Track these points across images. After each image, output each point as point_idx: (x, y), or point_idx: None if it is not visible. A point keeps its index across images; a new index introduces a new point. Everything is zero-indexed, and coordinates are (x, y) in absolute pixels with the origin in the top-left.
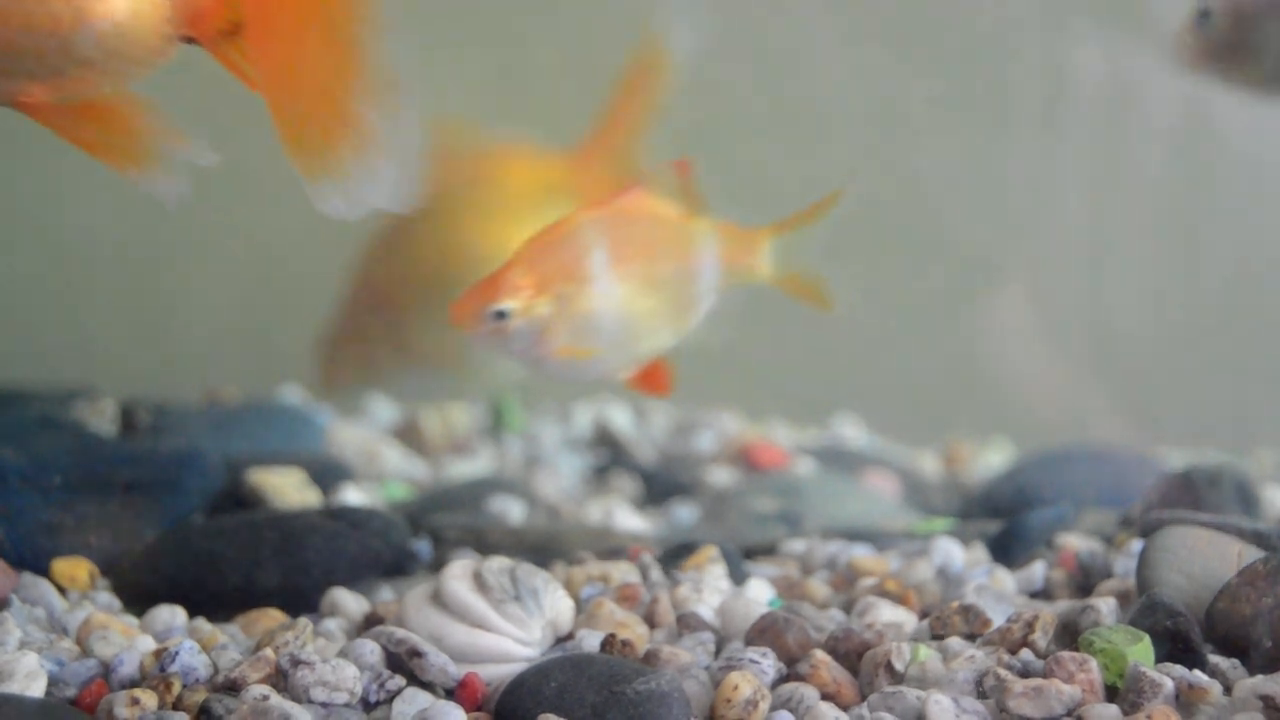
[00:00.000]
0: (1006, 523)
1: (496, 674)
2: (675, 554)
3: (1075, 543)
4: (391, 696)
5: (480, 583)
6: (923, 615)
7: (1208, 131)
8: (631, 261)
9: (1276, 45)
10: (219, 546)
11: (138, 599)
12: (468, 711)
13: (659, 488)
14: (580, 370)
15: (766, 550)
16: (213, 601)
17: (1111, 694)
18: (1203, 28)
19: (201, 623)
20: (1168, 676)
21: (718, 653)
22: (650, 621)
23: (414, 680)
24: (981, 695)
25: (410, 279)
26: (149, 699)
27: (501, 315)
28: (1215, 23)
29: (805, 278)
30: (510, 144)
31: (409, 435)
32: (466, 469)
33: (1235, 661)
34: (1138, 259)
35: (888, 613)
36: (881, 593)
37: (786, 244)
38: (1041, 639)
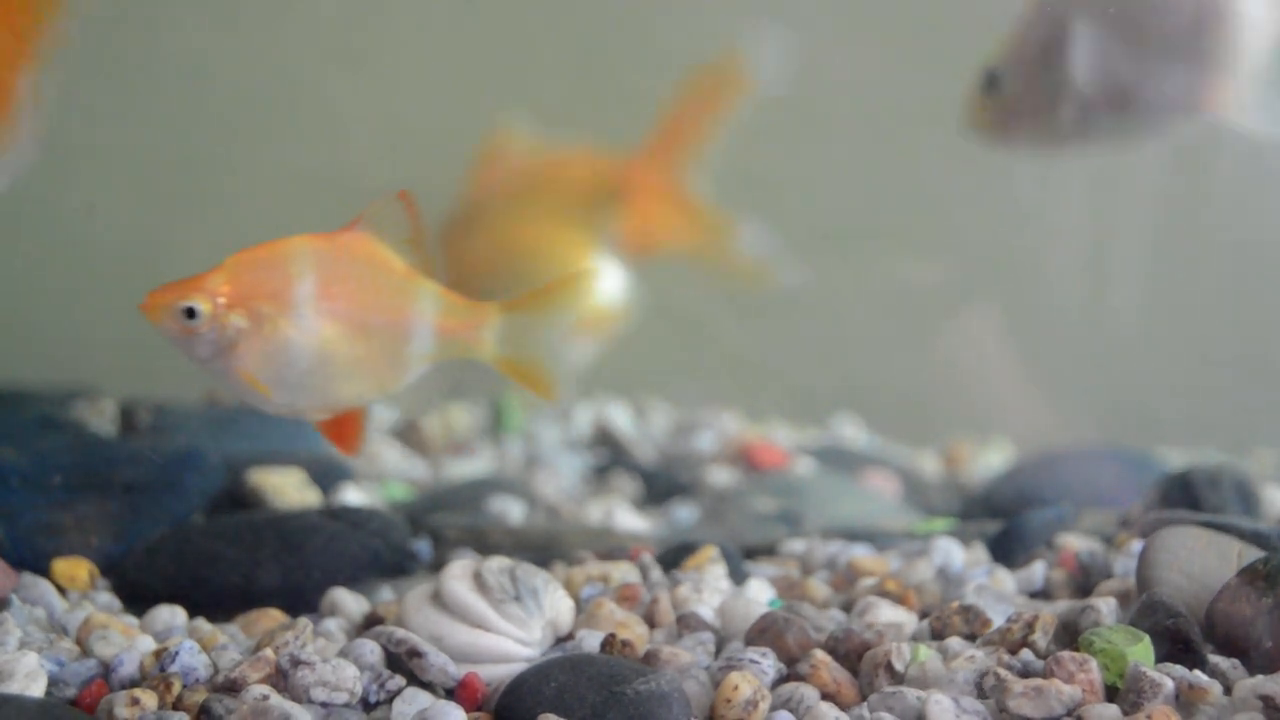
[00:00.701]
0: (1006, 523)
1: (496, 674)
2: (675, 554)
3: (1075, 543)
4: (391, 696)
5: (480, 583)
6: (923, 615)
7: (1207, 131)
8: (341, 301)
9: (1064, 95)
10: (219, 546)
11: (138, 599)
12: (468, 711)
13: (659, 488)
14: (261, 399)
15: (766, 550)
16: (213, 601)
17: (1111, 694)
18: (991, 93)
19: (201, 623)
20: (1168, 676)
21: (718, 653)
22: (650, 621)
23: (414, 680)
24: (981, 695)
25: (459, 274)
26: (149, 699)
27: (191, 315)
28: (1005, 86)
29: (530, 364)
30: (567, 147)
31: (409, 435)
32: (466, 469)
33: (1235, 661)
34: (1137, 258)
35: (888, 613)
36: (881, 593)
37: (517, 324)
38: (1041, 639)
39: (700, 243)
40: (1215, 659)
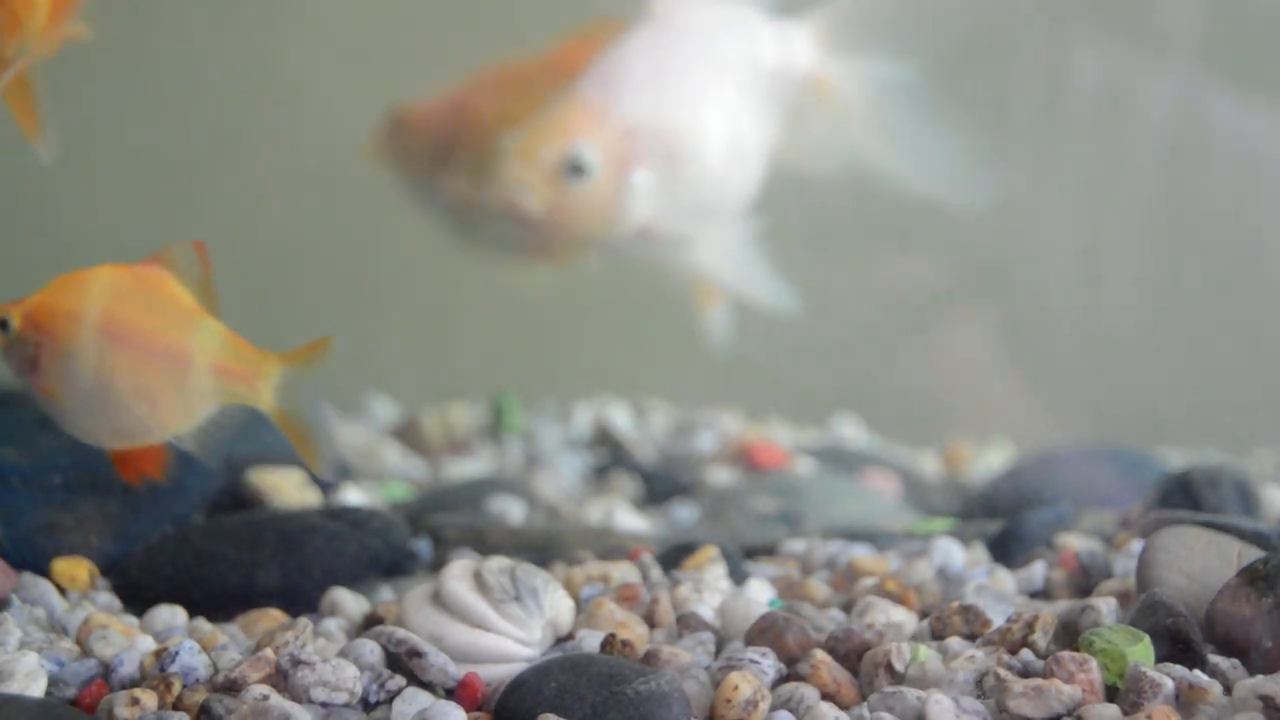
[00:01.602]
0: (1006, 523)
1: (496, 674)
2: (675, 554)
3: (1075, 543)
4: (391, 696)
5: (480, 583)
6: (923, 615)
7: (1207, 130)
8: (125, 328)
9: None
10: (219, 546)
11: (138, 599)
12: (468, 711)
13: (659, 488)
14: (59, 416)
15: (766, 550)
16: (213, 601)
17: (1111, 694)
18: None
19: (201, 623)
20: (1168, 676)
21: (718, 653)
22: (650, 621)
23: (414, 680)
24: (981, 695)
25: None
26: (149, 699)
27: (4, 326)
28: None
29: (304, 422)
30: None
31: (409, 435)
32: (466, 469)
33: (1235, 661)
34: (1137, 258)
35: (888, 613)
36: (881, 593)
37: (295, 379)
38: (1041, 639)
39: None
40: (1215, 659)
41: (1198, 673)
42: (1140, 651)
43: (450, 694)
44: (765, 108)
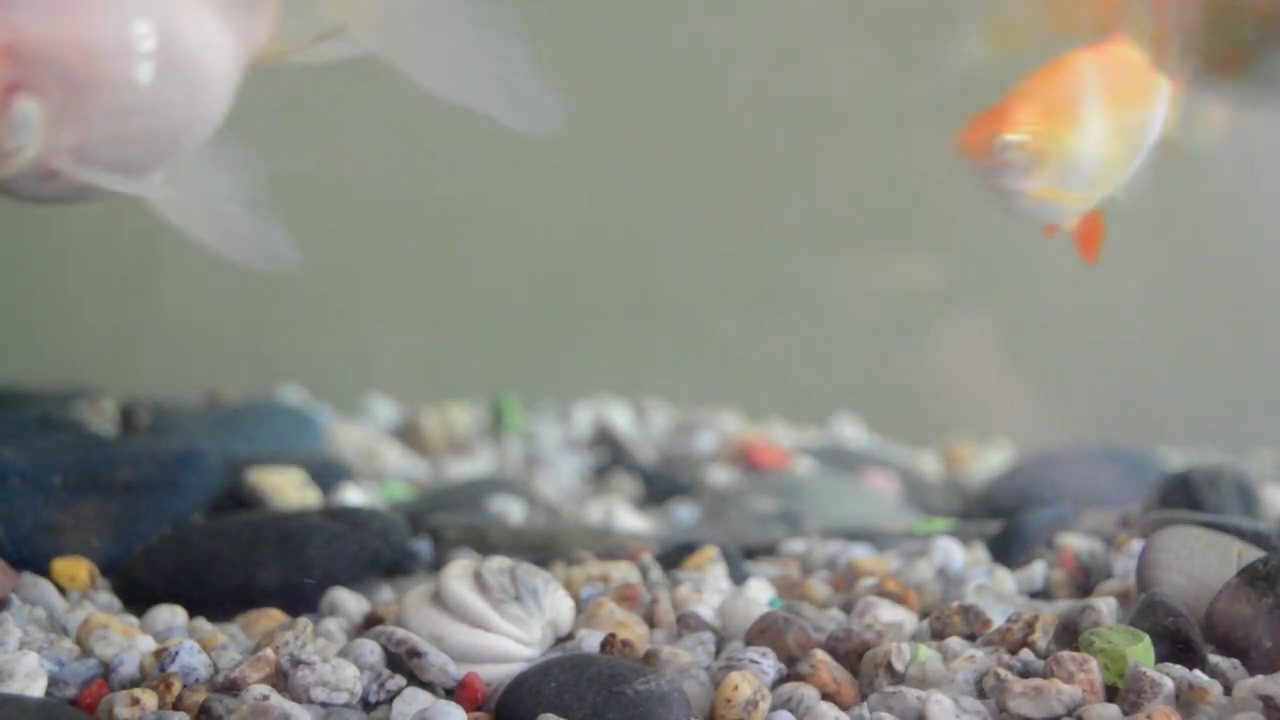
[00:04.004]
0: (1006, 523)
1: (496, 674)
2: (675, 554)
3: (1075, 543)
4: (391, 696)
5: (480, 583)
6: (923, 615)
7: (1206, 130)
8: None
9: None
10: (219, 546)
11: (138, 599)
12: (468, 711)
13: (659, 488)
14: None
15: (766, 550)
16: (213, 601)
17: (1111, 694)
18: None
19: (201, 623)
20: (1168, 676)
21: (718, 653)
22: (650, 621)
23: (414, 680)
24: (981, 695)
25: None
26: (149, 699)
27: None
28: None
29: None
30: None
31: (409, 435)
32: (466, 469)
33: (1235, 661)
34: (1137, 258)
35: (888, 613)
36: (881, 593)
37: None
38: (1041, 639)
39: None
40: (1215, 659)
41: (1198, 673)
42: (1140, 651)
43: (450, 694)
44: (228, 11)
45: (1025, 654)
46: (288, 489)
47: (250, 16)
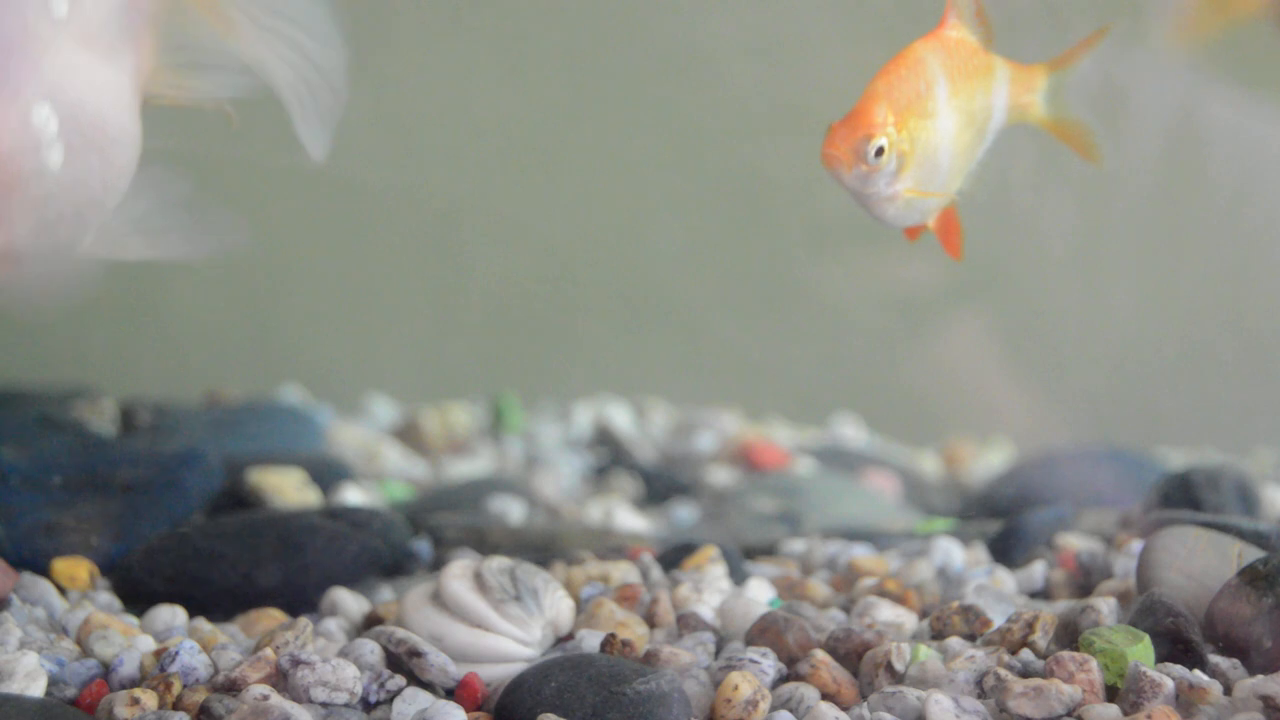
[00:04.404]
0: (1006, 523)
1: (496, 674)
2: (675, 554)
3: (1075, 543)
4: (391, 696)
5: (480, 583)
6: (923, 615)
7: (1206, 130)
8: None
9: None
10: (219, 546)
11: (138, 599)
12: (468, 711)
13: (659, 488)
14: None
15: (766, 550)
16: (213, 601)
17: (1112, 694)
18: None
19: (201, 623)
20: (1168, 676)
21: (718, 653)
22: (650, 621)
23: (414, 680)
24: (981, 695)
25: None
26: (149, 699)
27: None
28: None
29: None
30: None
31: (409, 435)
32: (466, 469)
33: (1235, 661)
34: (1136, 258)
35: (888, 613)
36: (881, 593)
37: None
38: (1042, 639)
39: None
40: (1215, 659)
41: (1198, 673)
42: (1140, 651)
43: (450, 694)
44: (116, 55)
45: (1025, 654)
46: (288, 489)
47: (134, 51)
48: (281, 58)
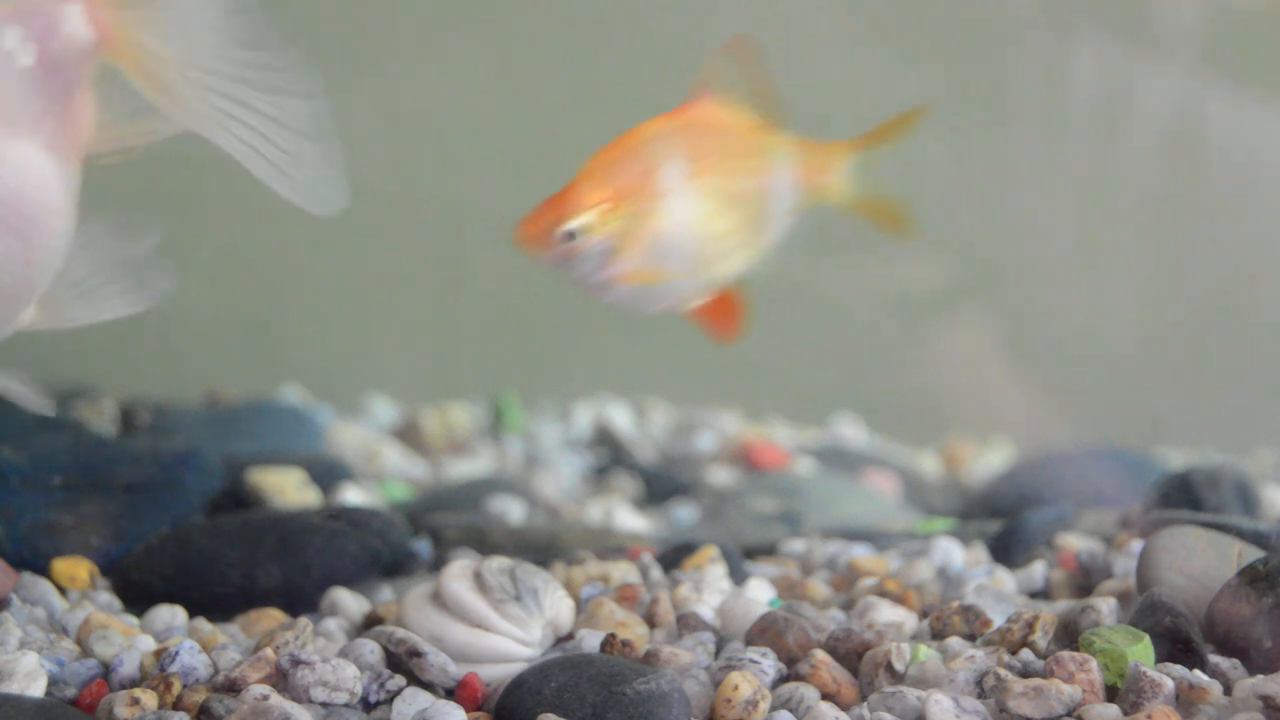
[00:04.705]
0: (1006, 523)
1: (496, 674)
2: (675, 554)
3: (1075, 543)
4: (391, 696)
5: (480, 582)
6: (923, 615)
7: (1206, 131)
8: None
9: None
10: (219, 546)
11: (138, 599)
12: (468, 711)
13: (659, 488)
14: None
15: (766, 550)
16: (213, 601)
17: (1112, 694)
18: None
19: (201, 623)
20: (1168, 676)
21: (718, 653)
22: (650, 621)
23: (414, 680)
24: (981, 695)
25: None
26: (149, 699)
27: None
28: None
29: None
30: None
31: (409, 435)
32: (466, 469)
33: (1235, 661)
34: (1137, 259)
35: (888, 613)
36: (881, 593)
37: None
38: (1042, 639)
39: None
40: (1215, 659)
41: (1198, 673)
42: (1140, 651)
43: (450, 694)
44: (32, 130)
45: (1025, 654)
46: (288, 489)
47: (57, 120)
48: (238, 123)
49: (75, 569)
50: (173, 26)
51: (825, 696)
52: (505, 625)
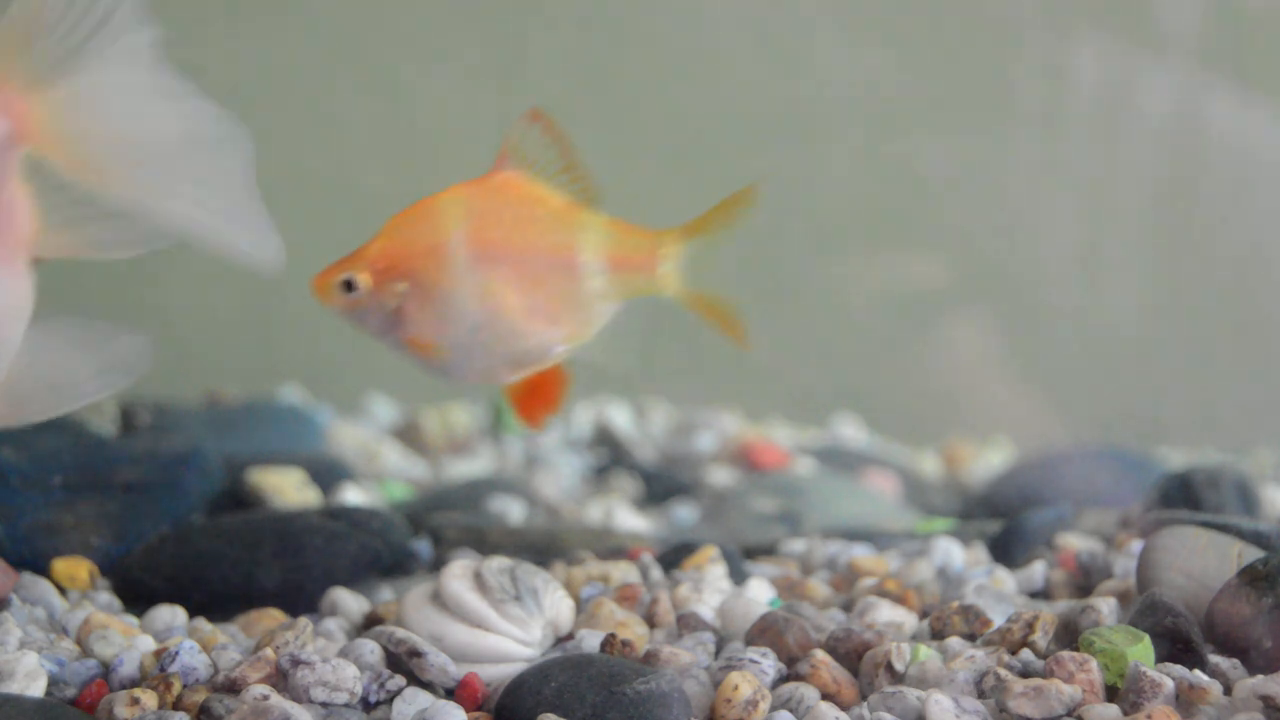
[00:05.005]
0: (1006, 523)
1: (496, 674)
2: (675, 554)
3: (1075, 543)
4: (391, 696)
5: (480, 583)
6: (923, 615)
7: (1206, 131)
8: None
9: None
10: (219, 546)
11: (138, 599)
12: (468, 711)
13: (659, 488)
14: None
15: (766, 550)
16: (213, 601)
17: (1112, 694)
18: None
19: (201, 623)
20: (1168, 676)
21: (718, 653)
22: (650, 621)
23: (414, 680)
24: (981, 695)
25: None
26: (149, 699)
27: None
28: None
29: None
30: None
31: (409, 435)
32: (466, 469)
33: (1235, 661)
34: (1137, 259)
35: (888, 613)
36: (881, 593)
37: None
38: (1042, 639)
39: None
40: (1215, 659)
41: (1198, 673)
42: (1140, 651)
43: (450, 694)
44: None
45: (1025, 654)
46: (288, 489)
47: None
48: (173, 193)
49: (75, 569)
50: (91, 102)
51: (825, 696)
52: (505, 625)
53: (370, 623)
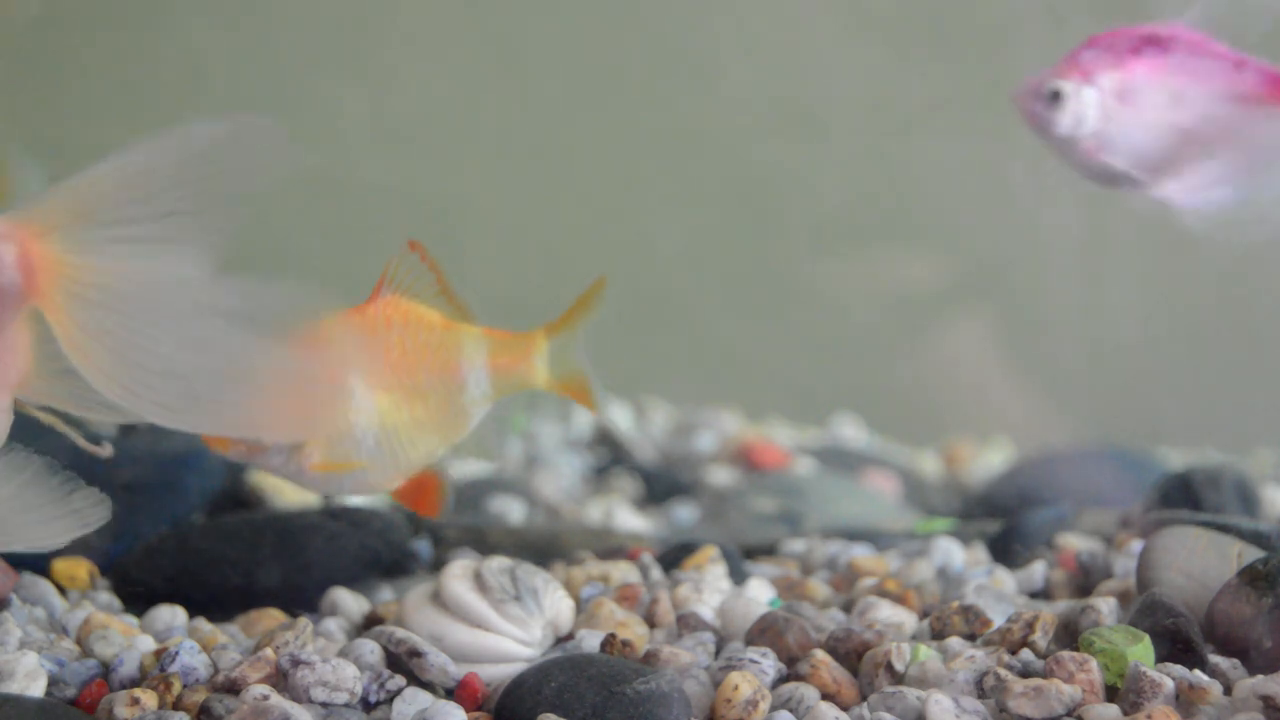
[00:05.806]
0: (1006, 523)
1: (496, 674)
2: (675, 554)
3: (1075, 543)
4: (391, 696)
5: (480, 583)
6: (923, 615)
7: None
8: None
9: None
10: (219, 546)
11: (138, 599)
12: (468, 711)
13: (659, 488)
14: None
15: (766, 550)
16: (213, 601)
17: (1112, 694)
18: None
19: (201, 623)
20: (1168, 676)
21: (718, 653)
22: (650, 621)
23: (414, 680)
24: (981, 695)
25: None
26: (149, 699)
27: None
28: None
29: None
30: None
31: None
32: (466, 469)
33: (1235, 661)
34: (1137, 259)
35: (888, 613)
36: (881, 593)
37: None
38: (1041, 639)
39: None
40: (1215, 659)
41: (1198, 673)
42: (1140, 651)
43: (450, 694)
44: None
45: (1025, 654)
46: (288, 489)
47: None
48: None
49: (75, 569)
50: (106, 300)
51: (825, 696)
52: (505, 625)
53: (370, 623)
